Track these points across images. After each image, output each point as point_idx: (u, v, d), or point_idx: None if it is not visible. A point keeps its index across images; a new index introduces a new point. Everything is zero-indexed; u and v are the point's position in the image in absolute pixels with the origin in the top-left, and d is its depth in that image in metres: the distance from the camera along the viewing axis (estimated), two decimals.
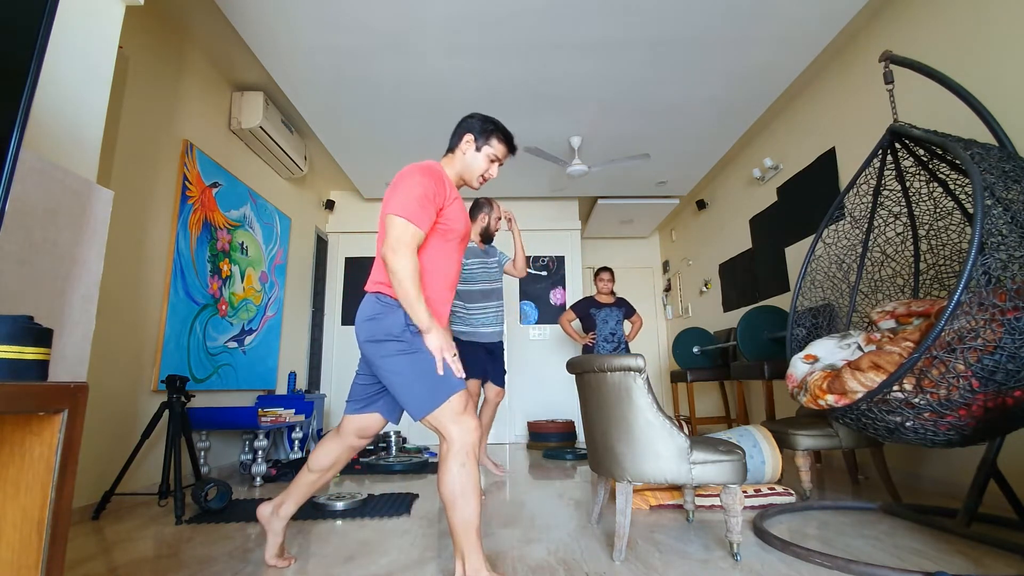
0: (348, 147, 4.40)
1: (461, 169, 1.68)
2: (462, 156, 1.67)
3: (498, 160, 1.70)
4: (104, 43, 1.68)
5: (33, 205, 1.23)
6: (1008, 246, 1.55)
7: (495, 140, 1.67)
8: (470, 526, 1.41)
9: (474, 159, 1.67)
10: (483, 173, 1.69)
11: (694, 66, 3.31)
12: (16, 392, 0.70)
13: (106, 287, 1.87)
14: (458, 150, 1.68)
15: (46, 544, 0.73)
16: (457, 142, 1.68)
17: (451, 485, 1.41)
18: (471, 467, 1.43)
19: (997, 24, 2.32)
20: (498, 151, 1.68)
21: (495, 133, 1.67)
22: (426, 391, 1.46)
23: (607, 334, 4.24)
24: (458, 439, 1.43)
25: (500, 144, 1.68)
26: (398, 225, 1.46)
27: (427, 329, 1.45)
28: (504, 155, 1.71)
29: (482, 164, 1.67)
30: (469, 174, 1.69)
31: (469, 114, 1.72)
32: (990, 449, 1.84)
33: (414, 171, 1.54)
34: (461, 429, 1.44)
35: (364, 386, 1.67)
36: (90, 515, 2.35)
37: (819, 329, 2.52)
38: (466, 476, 1.41)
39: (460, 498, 1.40)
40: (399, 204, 1.47)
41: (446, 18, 2.85)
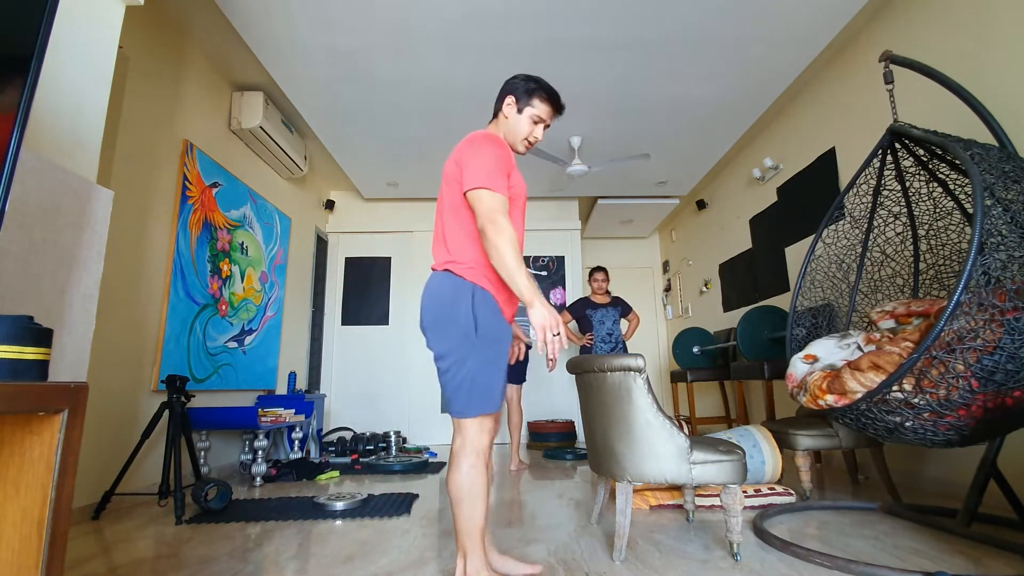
0: (348, 147, 4.40)
1: (506, 133, 1.60)
2: (505, 120, 1.59)
3: (543, 121, 1.60)
4: (104, 43, 1.68)
5: (33, 205, 1.23)
6: (1008, 246, 1.55)
7: (537, 100, 1.57)
8: (475, 527, 1.40)
9: (517, 122, 1.58)
10: (527, 136, 1.60)
11: (694, 66, 3.31)
12: (16, 392, 0.70)
13: (106, 287, 1.87)
14: (501, 114, 1.60)
15: (46, 544, 0.73)
16: (500, 106, 1.60)
17: (460, 484, 1.39)
18: (480, 470, 1.41)
19: (997, 24, 2.32)
20: (542, 111, 1.58)
21: (537, 92, 1.57)
22: (467, 397, 1.41)
23: (604, 334, 4.23)
24: (475, 439, 1.41)
25: (543, 104, 1.58)
26: (486, 198, 1.38)
27: (530, 302, 1.33)
28: (550, 115, 1.60)
29: (526, 126, 1.58)
30: (513, 137, 1.60)
31: (512, 75, 1.63)
32: (990, 449, 1.84)
33: (480, 141, 1.48)
34: (480, 430, 1.42)
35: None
36: (90, 515, 2.35)
37: (819, 329, 2.52)
38: (475, 476, 1.40)
39: (468, 498, 1.39)
40: (481, 176, 1.40)
41: (446, 18, 2.85)
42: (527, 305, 1.34)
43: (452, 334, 1.43)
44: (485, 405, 1.42)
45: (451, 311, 1.43)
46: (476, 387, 1.41)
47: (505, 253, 1.34)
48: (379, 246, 5.81)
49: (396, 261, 5.80)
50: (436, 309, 1.46)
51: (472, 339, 1.41)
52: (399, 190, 5.38)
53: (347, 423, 5.26)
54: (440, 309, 1.45)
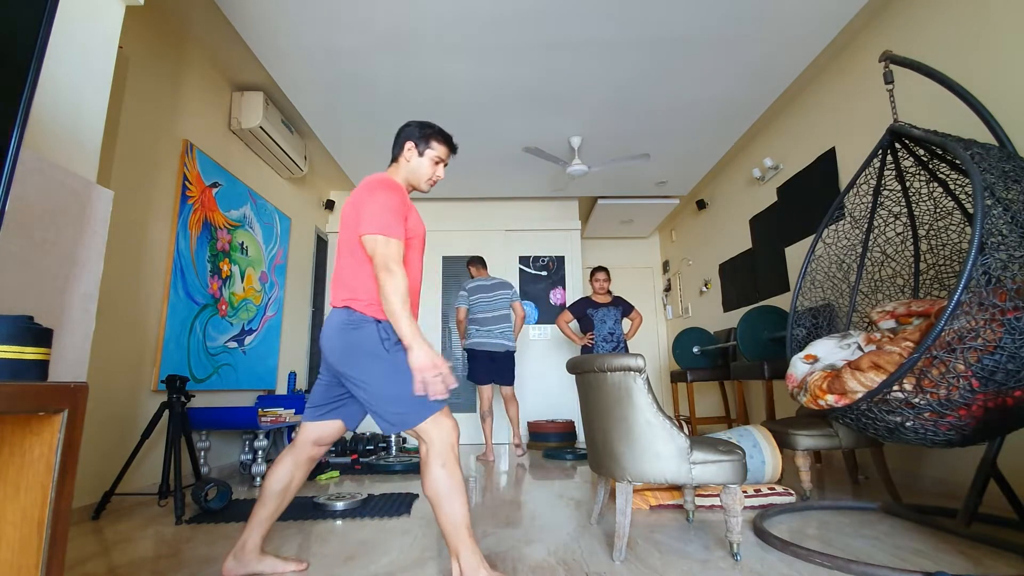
0: (348, 147, 4.40)
1: (408, 175, 1.72)
2: (406, 163, 1.71)
3: (442, 161, 1.74)
4: (104, 43, 1.68)
5: (33, 205, 1.23)
6: (1008, 246, 1.55)
7: (435, 142, 1.71)
8: (459, 524, 1.42)
9: (419, 164, 1.70)
10: (430, 177, 1.73)
11: (694, 66, 3.31)
12: (16, 392, 0.70)
13: (106, 287, 1.87)
14: (401, 158, 1.71)
15: (46, 544, 0.73)
16: (399, 151, 1.72)
17: (435, 485, 1.42)
18: (452, 467, 1.44)
19: (997, 24, 2.32)
20: (440, 152, 1.72)
21: (434, 136, 1.71)
22: (406, 408, 1.45)
23: (605, 334, 4.24)
24: (437, 440, 1.45)
25: (441, 145, 1.72)
26: (380, 244, 1.48)
27: (409, 346, 1.43)
28: (447, 155, 1.75)
29: (427, 168, 1.71)
30: (417, 179, 1.72)
31: (405, 123, 1.75)
32: (990, 449, 1.84)
33: (377, 186, 1.57)
34: (439, 430, 1.46)
35: (327, 391, 1.64)
36: (90, 515, 2.35)
37: (819, 329, 2.52)
38: (448, 475, 1.43)
39: (445, 498, 1.42)
40: (377, 222, 1.49)
41: (446, 18, 2.85)
42: (407, 349, 1.43)
43: (366, 361, 1.49)
44: (426, 406, 1.45)
45: (357, 341, 1.50)
46: (408, 396, 1.44)
47: (392, 300, 1.43)
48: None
49: None
50: (341, 343, 1.51)
51: (385, 357, 1.48)
52: None
53: None
54: (345, 342, 1.51)
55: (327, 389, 1.65)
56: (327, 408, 1.65)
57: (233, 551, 1.61)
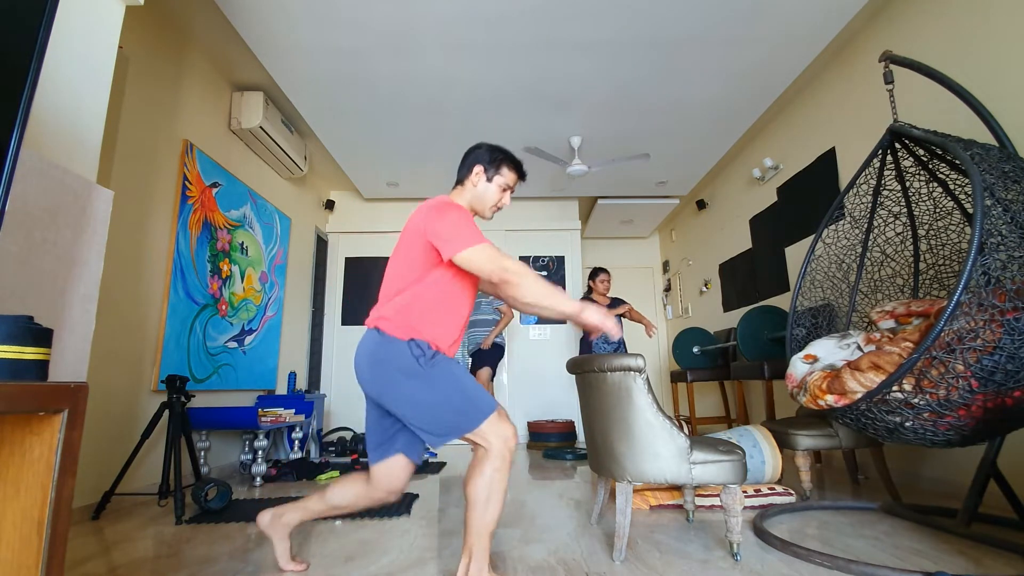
0: (348, 147, 4.40)
1: (472, 200, 1.65)
2: (473, 188, 1.64)
3: (510, 188, 1.67)
4: (104, 43, 1.68)
5: (33, 205, 1.23)
6: (1008, 246, 1.55)
7: (505, 168, 1.64)
8: (487, 530, 1.41)
9: (486, 190, 1.64)
10: (496, 203, 1.66)
11: (694, 66, 3.31)
12: (16, 392, 0.70)
13: (106, 287, 1.87)
14: (468, 182, 1.64)
15: (46, 544, 0.73)
16: (467, 174, 1.65)
17: (480, 487, 1.40)
18: (504, 473, 1.42)
19: (997, 24, 2.32)
20: (509, 179, 1.65)
21: (505, 162, 1.64)
22: (454, 416, 1.42)
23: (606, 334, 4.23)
24: (496, 443, 1.41)
25: (511, 172, 1.65)
26: (479, 253, 1.40)
27: (579, 310, 1.40)
28: (515, 182, 1.68)
29: (494, 194, 1.64)
30: (482, 205, 1.65)
31: (475, 144, 1.68)
32: (990, 449, 1.84)
33: (443, 207, 1.49)
34: (499, 434, 1.42)
35: (379, 426, 1.56)
36: (90, 515, 2.35)
37: (819, 329, 2.52)
38: (497, 482, 1.40)
39: (485, 502, 1.39)
40: (464, 237, 1.42)
41: (446, 18, 2.85)
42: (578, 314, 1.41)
43: (403, 380, 1.43)
44: (479, 411, 1.42)
45: (390, 363, 1.44)
46: (454, 405, 1.42)
47: (534, 289, 1.40)
48: (379, 246, 5.80)
49: None
50: (374, 369, 1.46)
51: (421, 373, 1.42)
52: (399, 190, 5.38)
53: (347, 423, 5.25)
54: (378, 366, 1.45)
55: (378, 424, 1.57)
56: (385, 444, 1.56)
57: (275, 510, 1.65)
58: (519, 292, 1.40)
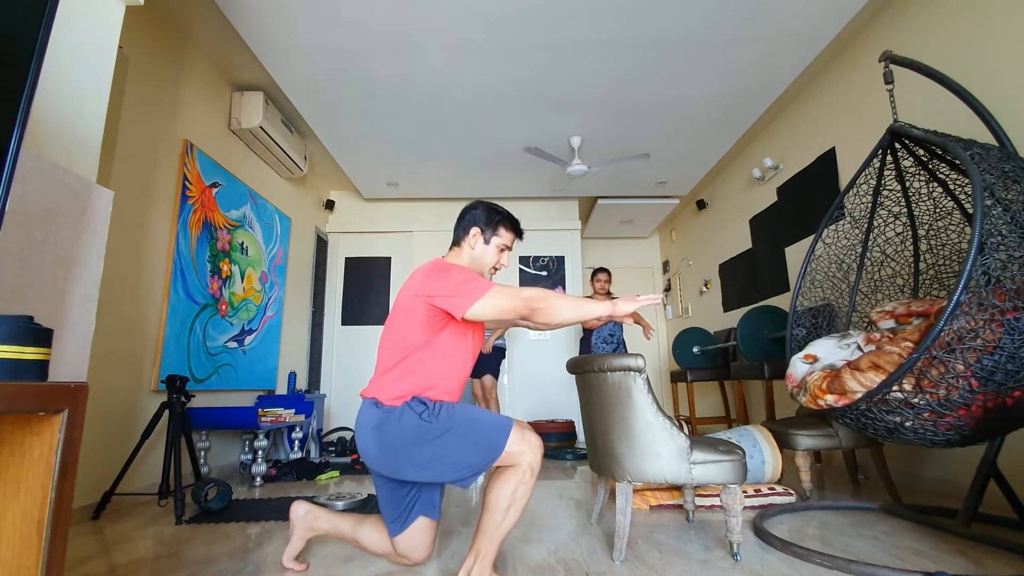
0: (348, 147, 4.40)
1: (471, 262, 1.61)
2: (470, 250, 1.61)
3: (507, 248, 1.64)
4: (104, 43, 1.68)
5: (33, 205, 1.23)
6: (1008, 246, 1.55)
7: (503, 229, 1.62)
8: (500, 535, 1.41)
9: (483, 252, 1.61)
10: (495, 264, 1.63)
11: (694, 66, 3.31)
12: (16, 392, 0.70)
13: (106, 287, 1.87)
14: (465, 244, 1.62)
15: (46, 544, 0.73)
16: (463, 236, 1.62)
17: (503, 496, 1.38)
18: (529, 487, 1.40)
19: (997, 24, 2.32)
20: (507, 240, 1.63)
21: (502, 222, 1.62)
22: (480, 453, 1.39)
23: (606, 335, 4.24)
24: (527, 458, 1.39)
25: (508, 232, 1.63)
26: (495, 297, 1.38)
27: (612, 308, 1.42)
28: (512, 242, 1.65)
29: (492, 255, 1.62)
30: (480, 266, 1.62)
31: (471, 204, 1.65)
32: (990, 449, 1.84)
33: (445, 268, 1.47)
34: (529, 448, 1.40)
35: (393, 497, 1.53)
36: (90, 515, 2.35)
37: (819, 329, 2.52)
38: (521, 493, 1.39)
39: (505, 511, 1.38)
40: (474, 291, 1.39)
41: (446, 17, 2.85)
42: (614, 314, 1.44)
43: (418, 449, 1.39)
44: (499, 435, 1.39)
45: (398, 439, 1.39)
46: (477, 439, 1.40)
47: (563, 307, 1.41)
48: (379, 246, 5.81)
49: (396, 261, 5.80)
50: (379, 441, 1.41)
51: (432, 430, 1.39)
52: (399, 190, 5.38)
53: (347, 423, 5.25)
54: (383, 439, 1.40)
55: (393, 497, 1.53)
56: (404, 515, 1.53)
57: (313, 510, 1.66)
58: (551, 316, 1.39)
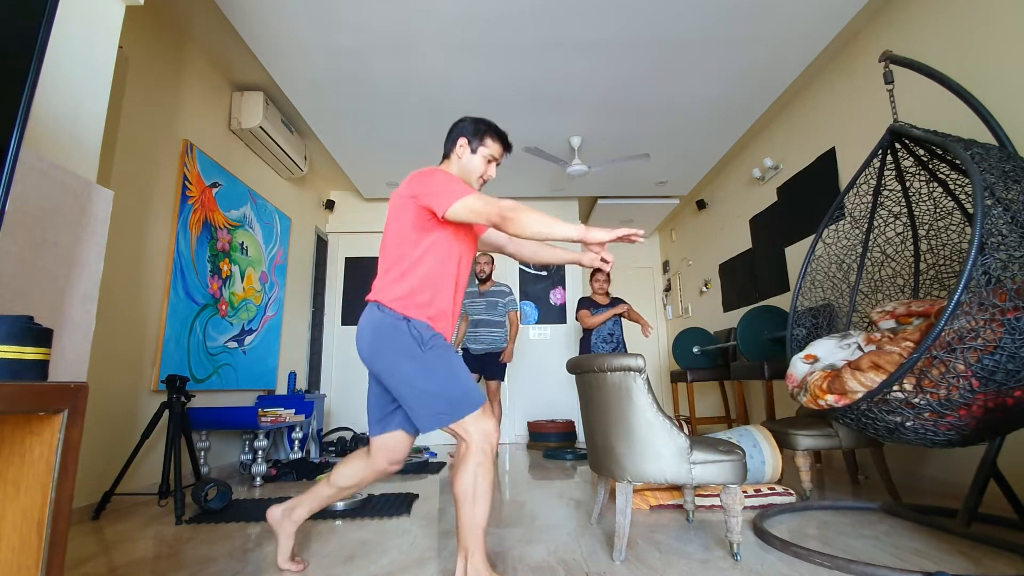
0: (348, 147, 4.40)
1: (459, 173, 1.66)
2: (458, 160, 1.66)
3: (495, 160, 1.68)
4: (104, 43, 1.68)
5: (33, 205, 1.23)
6: (1008, 246, 1.55)
7: (489, 139, 1.65)
8: (478, 527, 1.42)
9: (470, 161, 1.65)
10: (482, 175, 1.67)
11: (694, 66, 3.31)
12: (16, 392, 0.70)
13: (106, 287, 1.87)
14: (453, 155, 1.67)
15: (46, 544, 0.73)
16: (451, 147, 1.67)
17: (465, 484, 1.41)
18: (487, 468, 1.43)
19: (997, 24, 2.32)
20: (494, 150, 1.67)
21: (488, 132, 1.65)
22: (445, 405, 1.43)
23: (605, 334, 4.23)
24: (477, 441, 1.43)
25: (495, 143, 1.66)
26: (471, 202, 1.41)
27: (584, 231, 1.41)
28: (500, 154, 1.69)
29: (479, 165, 1.66)
30: (468, 177, 1.66)
31: (460, 118, 1.70)
32: (990, 449, 1.84)
33: (431, 171, 1.54)
34: (480, 431, 1.43)
35: (380, 400, 1.59)
36: (90, 515, 2.35)
37: (819, 329, 2.52)
38: (481, 477, 1.41)
39: (472, 498, 1.41)
40: (453, 191, 1.43)
41: (446, 18, 2.85)
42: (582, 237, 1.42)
43: (401, 360, 1.45)
44: (465, 404, 1.44)
45: (390, 340, 1.46)
46: (445, 394, 1.44)
47: (534, 220, 1.39)
48: (379, 246, 5.80)
49: None
50: (375, 343, 1.48)
51: (420, 356, 1.44)
52: None
53: (347, 423, 5.25)
54: (379, 342, 1.47)
55: (380, 399, 1.60)
56: (386, 419, 1.59)
57: (285, 507, 1.67)
58: (520, 226, 1.40)
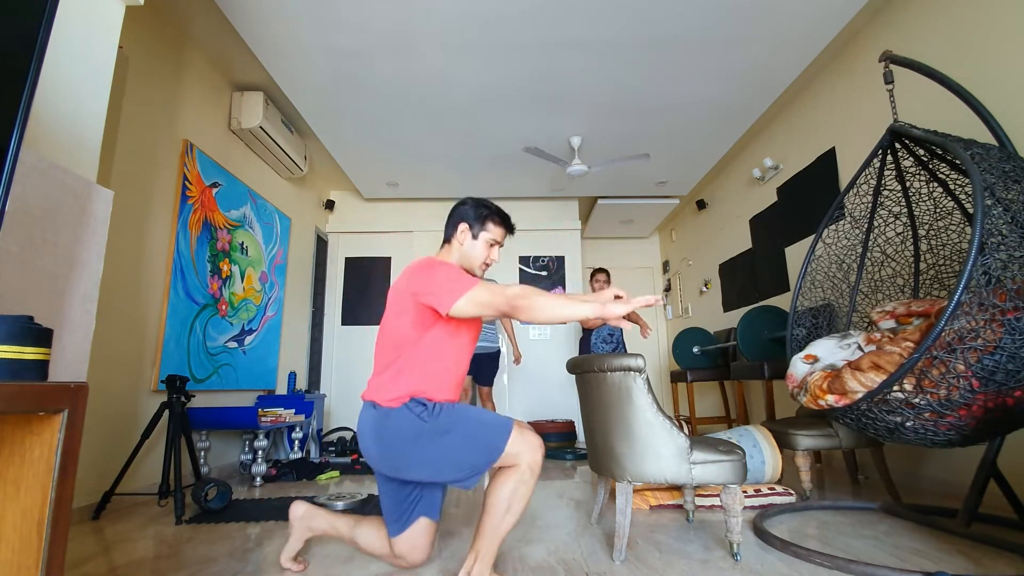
0: (348, 147, 4.40)
1: (460, 259, 1.61)
2: (459, 247, 1.61)
3: (497, 243, 1.63)
4: (104, 43, 1.68)
5: (33, 205, 1.23)
6: (1008, 246, 1.55)
7: (491, 224, 1.60)
8: (500, 537, 1.41)
9: (472, 248, 1.60)
10: (484, 260, 1.62)
11: (694, 66, 3.31)
12: (16, 392, 0.70)
13: (106, 287, 1.87)
14: (455, 240, 1.61)
15: (46, 544, 0.73)
16: (452, 232, 1.62)
17: (502, 497, 1.39)
18: (529, 487, 1.40)
19: (996, 24, 2.32)
20: (496, 235, 1.61)
21: (490, 217, 1.61)
22: (480, 453, 1.40)
23: (605, 334, 4.24)
24: (527, 458, 1.39)
25: (497, 227, 1.61)
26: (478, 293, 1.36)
27: (601, 308, 1.30)
28: (502, 237, 1.63)
29: (481, 251, 1.61)
30: (470, 262, 1.61)
31: (460, 201, 1.64)
32: (990, 449, 1.84)
33: (431, 264, 1.47)
34: (529, 447, 1.40)
35: (396, 498, 1.54)
36: (90, 515, 2.35)
37: (819, 329, 2.52)
38: (521, 493, 1.39)
39: (505, 512, 1.39)
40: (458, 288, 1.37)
41: (446, 18, 2.85)
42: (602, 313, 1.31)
43: (415, 448, 1.40)
44: (499, 435, 1.40)
45: (396, 437, 1.41)
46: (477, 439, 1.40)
47: (546, 306, 1.33)
48: (379, 246, 5.80)
49: (396, 261, 5.80)
50: (378, 443, 1.43)
51: (429, 429, 1.40)
52: (399, 190, 5.38)
53: (347, 423, 5.25)
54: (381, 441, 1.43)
55: (395, 497, 1.55)
56: (406, 515, 1.55)
57: (311, 510, 1.68)
58: (534, 314, 1.35)
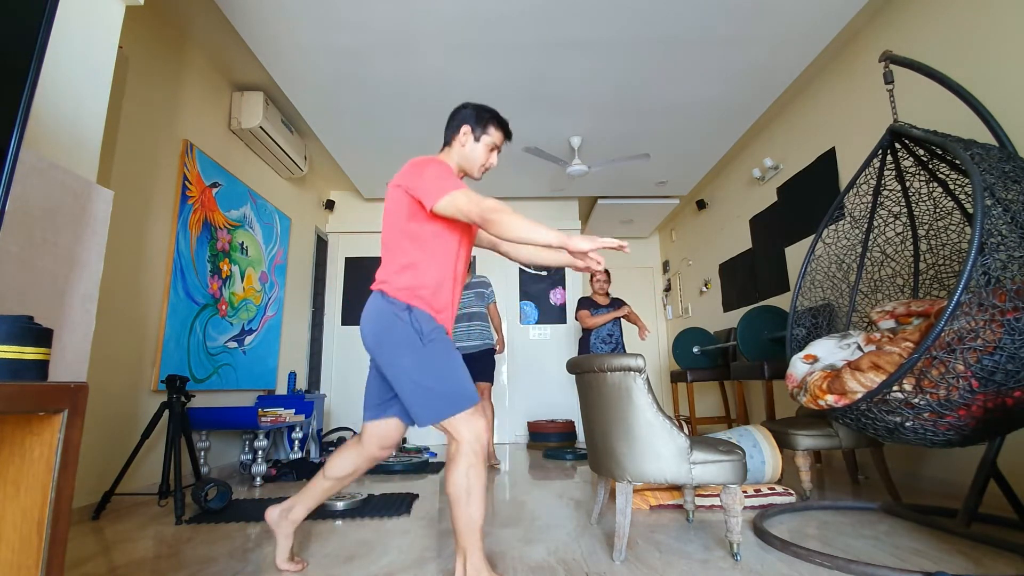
0: (348, 147, 4.40)
1: (460, 161, 1.66)
2: (460, 148, 1.65)
3: (497, 148, 1.68)
4: (104, 43, 1.68)
5: (33, 205, 1.23)
6: (1008, 246, 1.55)
7: (492, 128, 1.65)
8: (474, 525, 1.42)
9: (473, 149, 1.65)
10: (484, 163, 1.67)
11: (694, 66, 3.31)
12: (16, 392, 0.70)
13: (106, 287, 1.87)
14: (455, 142, 1.66)
15: (46, 544, 0.73)
16: (454, 134, 1.66)
17: (458, 485, 1.41)
18: (479, 468, 1.43)
19: (996, 24, 2.32)
20: (496, 139, 1.66)
21: (491, 121, 1.65)
22: (441, 400, 1.44)
23: (604, 335, 4.24)
24: (467, 439, 1.43)
25: (497, 131, 1.66)
26: (459, 198, 1.40)
27: (564, 241, 1.35)
28: (501, 142, 1.69)
29: (482, 154, 1.66)
30: (470, 165, 1.66)
31: (462, 104, 1.69)
32: (990, 449, 1.84)
33: (424, 162, 1.52)
34: (471, 430, 1.44)
35: (377, 388, 1.62)
36: (90, 515, 2.35)
37: (819, 329, 2.52)
38: (474, 476, 1.42)
39: (466, 497, 1.41)
40: (442, 187, 1.42)
41: (446, 18, 2.85)
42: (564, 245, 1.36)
43: (401, 350, 1.46)
44: (459, 401, 1.45)
45: (392, 330, 1.47)
46: (442, 389, 1.44)
47: (516, 224, 1.36)
48: (379, 246, 5.79)
49: None
50: (377, 332, 1.49)
51: (420, 349, 1.46)
52: None
53: (347, 423, 5.25)
54: (381, 331, 1.48)
55: (379, 385, 1.62)
56: (379, 408, 1.62)
57: (283, 507, 1.68)
58: (503, 229, 1.38)
